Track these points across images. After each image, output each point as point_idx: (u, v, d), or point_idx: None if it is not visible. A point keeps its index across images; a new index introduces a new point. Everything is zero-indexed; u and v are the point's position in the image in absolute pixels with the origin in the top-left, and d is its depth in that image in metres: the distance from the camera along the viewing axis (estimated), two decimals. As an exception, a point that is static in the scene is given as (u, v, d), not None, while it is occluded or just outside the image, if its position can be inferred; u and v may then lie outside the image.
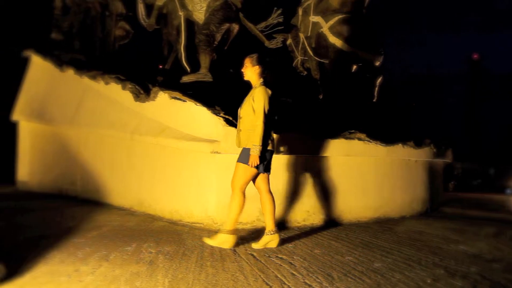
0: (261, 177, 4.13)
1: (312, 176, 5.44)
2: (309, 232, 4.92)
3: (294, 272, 3.24)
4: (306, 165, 5.42)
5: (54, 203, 6.71)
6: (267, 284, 2.96)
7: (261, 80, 4.16)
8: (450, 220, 6.24)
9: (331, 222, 5.48)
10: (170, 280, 2.99)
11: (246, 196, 4.10)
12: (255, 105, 4.00)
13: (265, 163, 4.02)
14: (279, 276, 3.14)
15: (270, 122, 4.03)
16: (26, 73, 8.83)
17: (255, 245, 4.05)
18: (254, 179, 4.13)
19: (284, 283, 2.98)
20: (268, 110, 3.99)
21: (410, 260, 3.71)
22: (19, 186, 8.84)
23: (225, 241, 4.01)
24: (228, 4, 6.93)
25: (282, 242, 4.27)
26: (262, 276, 3.14)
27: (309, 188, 5.41)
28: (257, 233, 4.71)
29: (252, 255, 3.77)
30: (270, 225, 4.09)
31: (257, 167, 3.97)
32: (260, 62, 4.17)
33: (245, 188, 4.07)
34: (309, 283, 2.99)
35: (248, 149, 3.97)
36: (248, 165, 3.94)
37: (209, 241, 4.04)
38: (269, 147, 4.06)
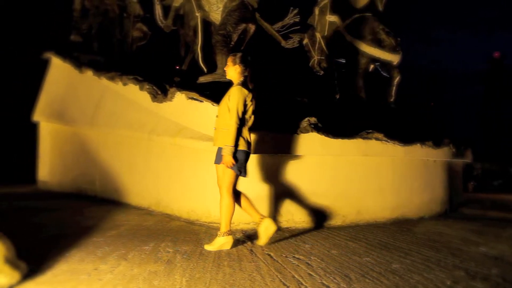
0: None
1: (328, 176, 5.41)
2: (326, 232, 4.90)
3: (311, 273, 3.23)
4: (322, 165, 5.40)
5: (73, 203, 6.81)
6: (284, 284, 2.95)
7: (241, 79, 4.13)
8: (470, 221, 6.13)
9: (348, 223, 5.44)
10: (187, 280, 3.01)
11: (249, 197, 4.10)
12: (229, 104, 3.99)
13: (237, 164, 3.97)
14: (296, 276, 3.14)
15: (245, 122, 4.03)
16: (46, 74, 8.98)
17: (208, 247, 3.95)
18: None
19: (302, 284, 2.97)
20: (243, 111, 3.98)
21: (429, 261, 3.67)
22: (39, 185, 8.99)
23: (224, 243, 3.97)
24: (245, 4, 6.93)
25: (300, 242, 4.27)
26: (279, 276, 3.13)
27: (326, 188, 5.38)
28: (275, 233, 4.72)
29: (269, 255, 3.77)
30: (224, 227, 3.98)
31: (232, 168, 3.94)
32: (240, 61, 4.13)
33: (232, 188, 4.03)
34: (326, 283, 2.98)
35: (221, 149, 3.97)
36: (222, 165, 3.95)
37: (209, 247, 3.95)
38: (243, 148, 4.00)
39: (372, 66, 7.35)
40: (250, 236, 4.56)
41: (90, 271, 3.17)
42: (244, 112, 4.01)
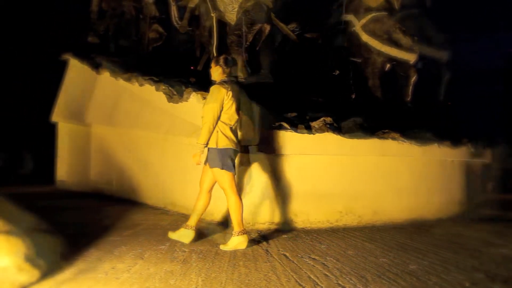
0: (210, 174, 4.13)
1: (344, 176, 5.37)
2: (342, 233, 4.87)
3: (327, 273, 3.21)
4: (338, 165, 5.37)
5: (91, 202, 6.89)
6: (299, 284, 2.95)
7: (222, 78, 4.17)
8: (489, 223, 6.03)
9: (364, 223, 5.40)
10: (203, 279, 3.02)
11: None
12: (205, 104, 4.07)
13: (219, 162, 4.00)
14: (312, 277, 3.12)
15: (227, 120, 4.05)
16: (64, 76, 9.10)
17: (223, 247, 3.97)
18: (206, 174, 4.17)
19: (317, 284, 2.96)
20: (221, 110, 4.02)
21: (447, 263, 3.62)
22: (58, 185, 9.12)
23: (239, 243, 3.98)
24: (260, 4, 6.94)
25: (316, 242, 4.25)
26: (294, 276, 3.12)
27: (342, 188, 5.35)
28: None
29: (284, 255, 3.76)
30: (237, 226, 4.02)
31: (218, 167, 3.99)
32: (222, 63, 4.18)
33: (235, 187, 4.08)
34: (342, 284, 2.96)
35: (211, 150, 4.02)
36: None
37: (225, 247, 3.96)
38: (224, 146, 4.02)
39: (388, 66, 7.28)
40: (266, 236, 4.56)
41: (107, 270, 3.21)
42: (228, 109, 4.05)
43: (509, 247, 4.32)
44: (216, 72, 4.20)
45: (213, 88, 4.10)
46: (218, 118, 4.01)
